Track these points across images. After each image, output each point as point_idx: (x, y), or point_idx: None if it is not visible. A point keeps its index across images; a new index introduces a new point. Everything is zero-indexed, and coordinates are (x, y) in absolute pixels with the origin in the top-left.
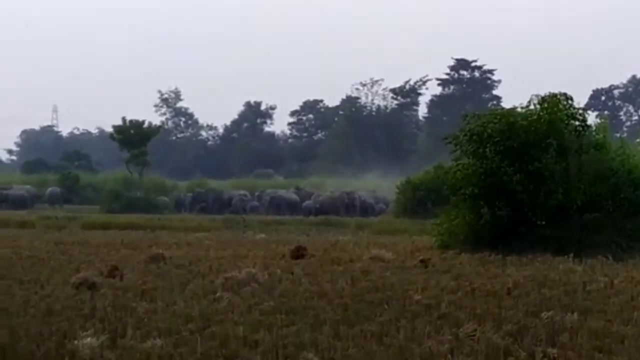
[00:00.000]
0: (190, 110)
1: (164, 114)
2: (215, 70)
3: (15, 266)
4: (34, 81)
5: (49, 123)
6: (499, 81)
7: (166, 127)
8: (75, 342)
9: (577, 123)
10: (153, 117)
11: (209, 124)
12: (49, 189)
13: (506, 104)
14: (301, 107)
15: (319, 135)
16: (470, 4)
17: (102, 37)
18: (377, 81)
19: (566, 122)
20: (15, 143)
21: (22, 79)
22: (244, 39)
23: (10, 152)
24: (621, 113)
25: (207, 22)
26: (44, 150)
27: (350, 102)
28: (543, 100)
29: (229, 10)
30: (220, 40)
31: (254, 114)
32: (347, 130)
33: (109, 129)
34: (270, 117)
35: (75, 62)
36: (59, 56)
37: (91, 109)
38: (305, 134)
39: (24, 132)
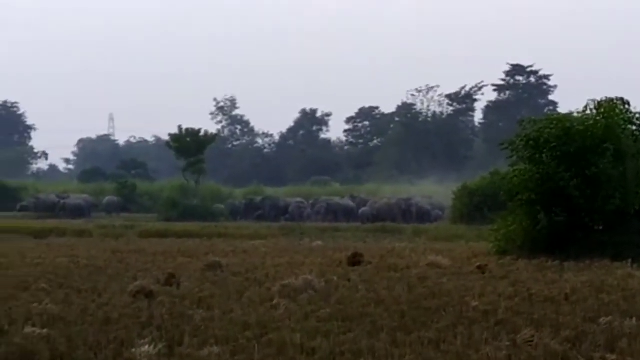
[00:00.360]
0: (246, 118)
1: (220, 121)
2: (270, 78)
3: (73, 275)
4: (91, 91)
5: (106, 132)
6: (555, 86)
7: (222, 135)
8: (133, 350)
9: (634, 127)
10: (209, 125)
11: (265, 131)
12: (106, 197)
13: (562, 109)
14: (357, 113)
15: (375, 142)
16: (525, 9)
17: (157, 47)
18: (432, 87)
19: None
20: (73, 152)
21: (79, 89)
22: (299, 47)
23: (67, 161)
24: None
25: (263, 31)
26: (101, 159)
27: (405, 108)
28: (599, 105)
29: (285, 19)
30: (275, 48)
31: (310, 121)
32: (403, 136)
33: (166, 138)
34: (326, 124)
35: (131, 72)
36: (115, 66)
37: (147, 118)
38: (361, 141)
39: (81, 141)
